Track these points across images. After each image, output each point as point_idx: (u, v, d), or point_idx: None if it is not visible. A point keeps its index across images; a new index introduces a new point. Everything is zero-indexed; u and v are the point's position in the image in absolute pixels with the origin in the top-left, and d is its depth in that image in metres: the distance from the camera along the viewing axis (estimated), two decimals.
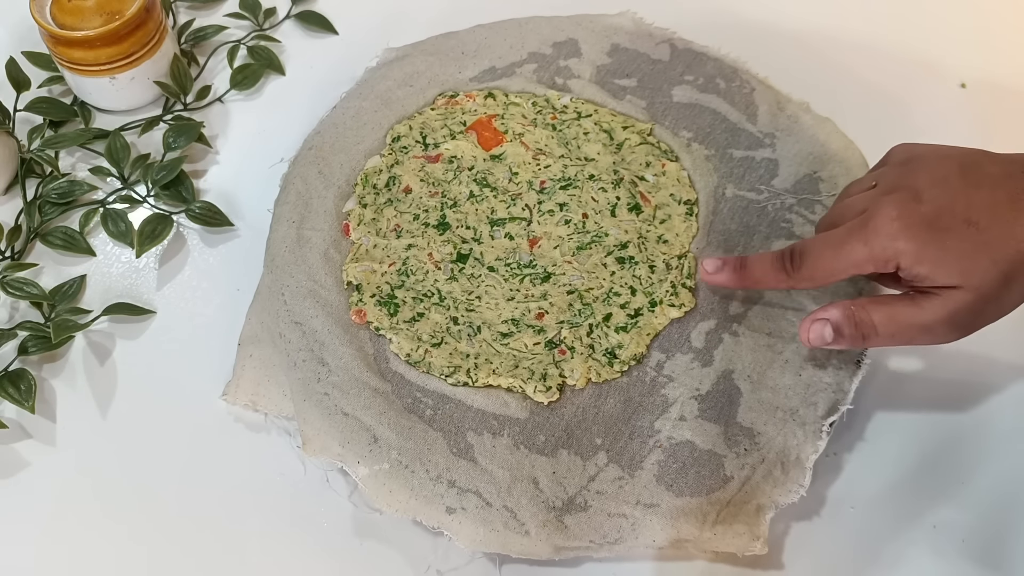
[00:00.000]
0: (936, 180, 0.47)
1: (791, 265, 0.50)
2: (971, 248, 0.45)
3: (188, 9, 0.78)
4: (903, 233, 0.46)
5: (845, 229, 0.48)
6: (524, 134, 0.64)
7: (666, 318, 0.56)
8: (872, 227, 0.47)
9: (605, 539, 0.50)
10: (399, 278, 0.59)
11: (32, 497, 0.56)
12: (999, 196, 0.46)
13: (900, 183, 0.48)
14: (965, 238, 0.46)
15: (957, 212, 0.46)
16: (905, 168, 0.49)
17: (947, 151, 0.50)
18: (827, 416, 0.53)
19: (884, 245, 0.46)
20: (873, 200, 0.48)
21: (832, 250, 0.48)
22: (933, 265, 0.46)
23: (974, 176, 0.47)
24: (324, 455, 0.53)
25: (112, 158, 0.67)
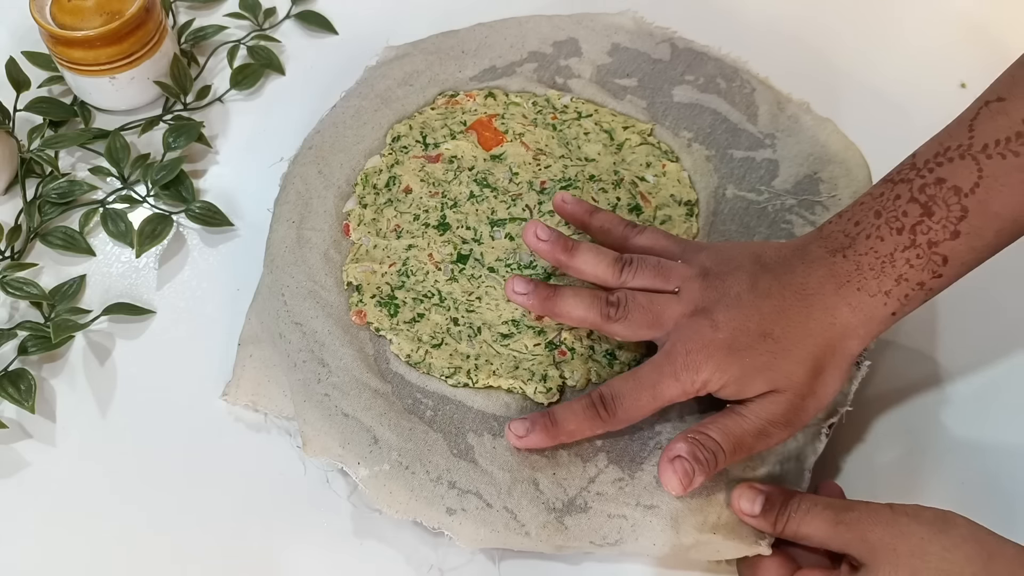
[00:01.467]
0: (730, 302, 0.49)
1: (605, 412, 0.50)
2: (771, 359, 0.48)
3: (188, 9, 0.78)
4: (705, 364, 0.48)
5: (653, 367, 0.49)
6: (524, 134, 0.64)
7: None
8: (678, 363, 0.48)
9: (605, 540, 0.50)
10: (399, 279, 0.59)
11: (32, 497, 0.56)
12: (787, 298, 0.49)
13: (699, 304, 0.50)
14: (764, 351, 0.48)
15: (751, 329, 0.48)
16: (704, 283, 0.50)
17: (740, 262, 0.51)
18: (827, 418, 0.53)
19: (692, 378, 0.48)
20: (676, 322, 0.50)
21: (647, 392, 0.49)
22: (739, 385, 0.48)
23: (762, 285, 0.49)
24: (324, 456, 0.53)
25: (112, 158, 0.67)
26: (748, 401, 0.49)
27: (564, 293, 0.52)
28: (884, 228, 0.48)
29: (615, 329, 0.51)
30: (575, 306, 0.52)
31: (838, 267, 0.49)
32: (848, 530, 0.46)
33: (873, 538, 0.45)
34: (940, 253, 0.47)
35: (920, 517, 0.45)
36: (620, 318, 0.51)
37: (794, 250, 0.51)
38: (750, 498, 0.49)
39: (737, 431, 0.48)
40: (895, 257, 0.48)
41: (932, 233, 0.47)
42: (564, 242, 0.53)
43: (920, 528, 0.45)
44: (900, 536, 0.45)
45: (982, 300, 0.62)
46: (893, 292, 0.48)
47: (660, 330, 0.50)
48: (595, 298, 0.52)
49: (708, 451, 0.47)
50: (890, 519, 0.45)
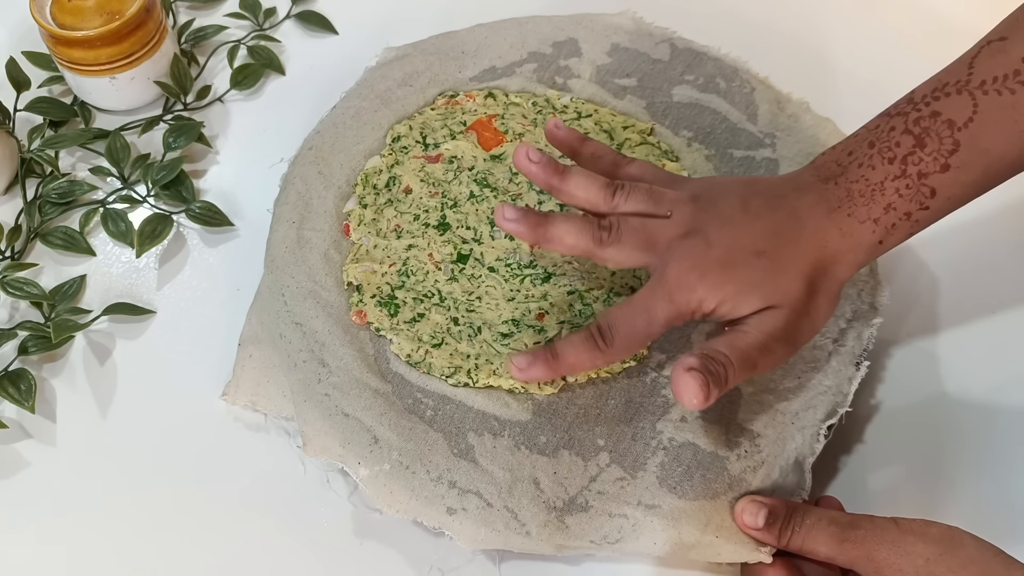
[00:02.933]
0: (723, 221, 0.49)
1: (603, 342, 0.49)
2: (765, 275, 0.48)
3: (188, 9, 0.78)
4: (700, 282, 0.48)
5: (647, 291, 0.49)
6: (524, 134, 0.64)
7: None
8: (671, 283, 0.48)
9: (606, 539, 0.50)
10: (399, 279, 0.59)
11: (32, 497, 0.56)
12: (779, 219, 0.49)
13: (692, 225, 0.50)
14: (758, 268, 0.48)
15: (745, 247, 0.49)
16: (696, 207, 0.51)
17: (732, 188, 0.52)
18: (826, 419, 0.53)
19: (687, 298, 0.48)
20: (668, 245, 0.50)
21: (642, 316, 0.49)
22: (734, 302, 0.48)
23: (754, 206, 0.50)
24: (325, 456, 0.53)
25: (112, 158, 0.67)
26: (746, 318, 0.48)
27: (555, 219, 0.51)
28: (876, 157, 0.49)
29: (608, 254, 0.50)
30: (567, 232, 0.51)
31: (829, 193, 0.50)
32: (854, 548, 0.46)
33: (879, 557, 0.45)
34: (929, 185, 0.48)
35: (927, 535, 0.45)
36: (613, 242, 0.50)
37: (785, 180, 0.52)
38: (753, 512, 0.49)
39: (742, 345, 0.48)
40: (885, 186, 0.48)
41: (923, 165, 0.48)
42: (555, 165, 0.52)
43: (926, 548, 0.45)
44: (906, 556, 0.45)
45: (982, 299, 0.62)
46: (881, 220, 0.49)
47: (653, 253, 0.50)
48: (587, 223, 0.51)
49: (719, 364, 0.47)
50: (896, 538, 0.45)
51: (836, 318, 0.55)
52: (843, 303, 0.56)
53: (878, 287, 0.57)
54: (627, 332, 0.49)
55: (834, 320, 0.55)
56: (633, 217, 0.51)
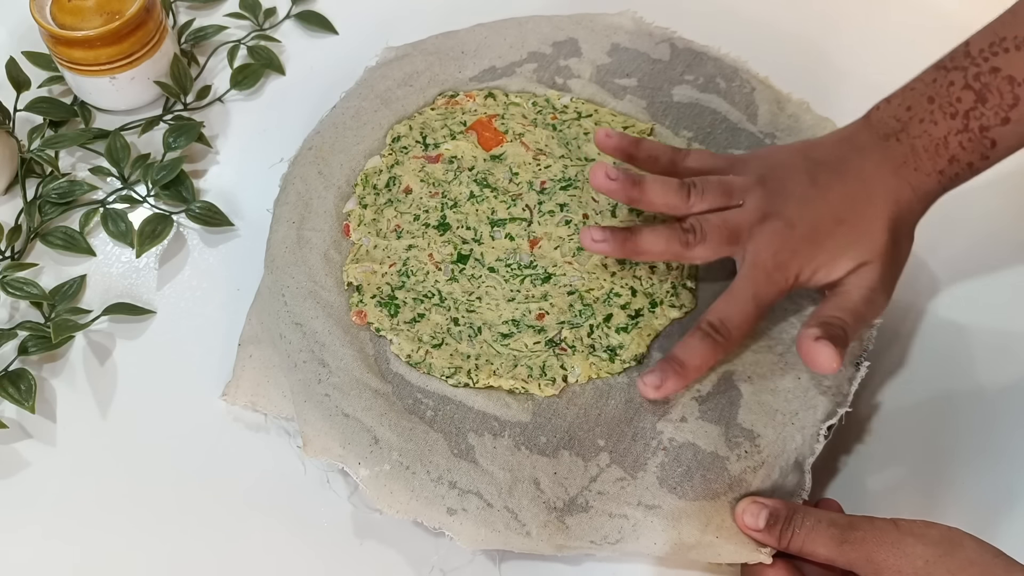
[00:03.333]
0: (798, 200, 0.52)
1: (721, 336, 0.51)
2: (850, 239, 0.52)
3: (188, 9, 0.78)
4: (792, 260, 0.52)
5: (746, 280, 0.52)
6: (524, 134, 0.64)
7: (667, 319, 0.56)
8: (768, 266, 0.52)
9: (606, 540, 0.50)
10: (399, 279, 0.59)
11: (32, 497, 0.56)
12: (850, 186, 0.53)
13: (769, 209, 0.53)
14: (842, 235, 0.52)
15: (825, 219, 0.52)
16: (765, 190, 0.53)
17: (792, 161, 0.54)
18: (826, 419, 0.53)
19: (785, 276, 0.52)
20: (749, 231, 0.52)
21: (750, 303, 0.52)
22: (829, 268, 0.52)
23: (822, 179, 0.53)
24: (325, 456, 0.53)
25: (112, 158, 0.67)
26: (843, 279, 0.52)
27: (641, 231, 0.53)
28: (938, 113, 0.52)
29: (696, 253, 0.53)
30: (654, 241, 0.53)
31: (892, 150, 0.53)
32: (853, 550, 0.46)
33: (879, 559, 0.45)
34: (990, 137, 0.51)
35: (926, 537, 0.45)
36: (699, 241, 0.52)
37: (841, 141, 0.54)
38: (754, 513, 0.49)
39: (850, 305, 0.51)
40: (948, 140, 0.51)
41: (984, 119, 0.51)
42: (632, 177, 0.54)
43: (926, 550, 0.45)
44: (905, 558, 0.45)
45: (982, 299, 0.62)
46: (946, 171, 0.52)
47: (738, 244, 0.53)
48: (671, 229, 0.53)
49: (837, 327, 0.50)
50: (896, 539, 0.45)
51: None
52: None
53: None
54: (740, 321, 0.52)
55: None
56: (711, 214, 0.53)
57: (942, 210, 0.66)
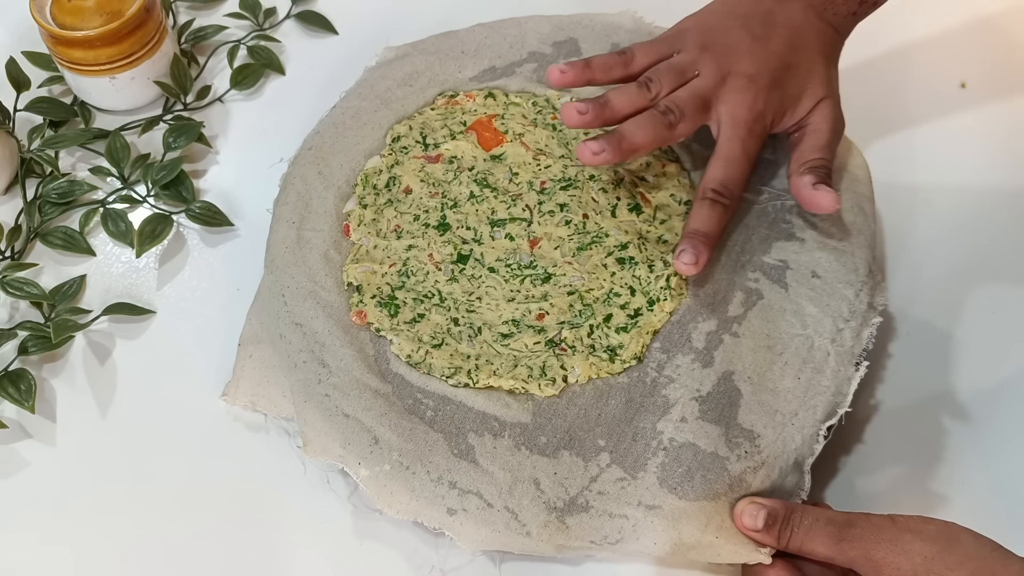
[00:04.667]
0: (745, 54, 0.57)
1: (728, 200, 0.56)
2: (804, 79, 0.58)
3: (188, 9, 0.78)
4: (766, 110, 0.57)
5: (730, 140, 0.56)
6: (524, 134, 0.64)
7: (664, 313, 0.56)
8: (747, 120, 0.57)
9: (606, 540, 0.50)
10: (399, 279, 0.59)
11: (32, 497, 0.56)
12: (785, 33, 0.58)
13: (724, 70, 0.57)
14: (795, 77, 0.58)
15: (776, 66, 0.57)
16: (712, 54, 0.58)
17: (724, 23, 0.59)
18: (825, 419, 0.53)
19: (762, 125, 0.57)
20: (716, 95, 0.57)
21: (743, 161, 0.57)
22: (793, 109, 0.58)
23: (759, 31, 0.58)
24: (325, 456, 0.53)
25: (112, 158, 0.67)
26: (807, 118, 0.58)
27: (627, 128, 0.56)
28: None
29: (680, 130, 0.57)
30: (642, 133, 0.56)
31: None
32: (852, 548, 0.46)
33: (877, 556, 0.45)
34: None
35: (924, 533, 0.45)
36: (679, 118, 0.56)
37: None
38: (752, 513, 0.49)
39: (823, 140, 0.57)
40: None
41: None
42: (597, 102, 0.57)
43: (924, 546, 0.45)
44: (904, 555, 0.45)
45: (982, 299, 0.62)
46: (859, 13, 0.60)
47: (711, 110, 0.57)
48: (651, 115, 0.57)
49: (823, 168, 0.56)
50: (893, 536, 0.45)
51: (835, 319, 0.55)
52: (841, 303, 0.56)
53: (877, 287, 0.57)
54: (740, 178, 0.56)
55: (832, 320, 0.55)
56: (677, 91, 0.57)
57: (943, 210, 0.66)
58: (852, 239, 0.58)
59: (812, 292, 0.56)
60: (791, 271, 0.57)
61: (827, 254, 0.58)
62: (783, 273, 0.57)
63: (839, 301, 0.56)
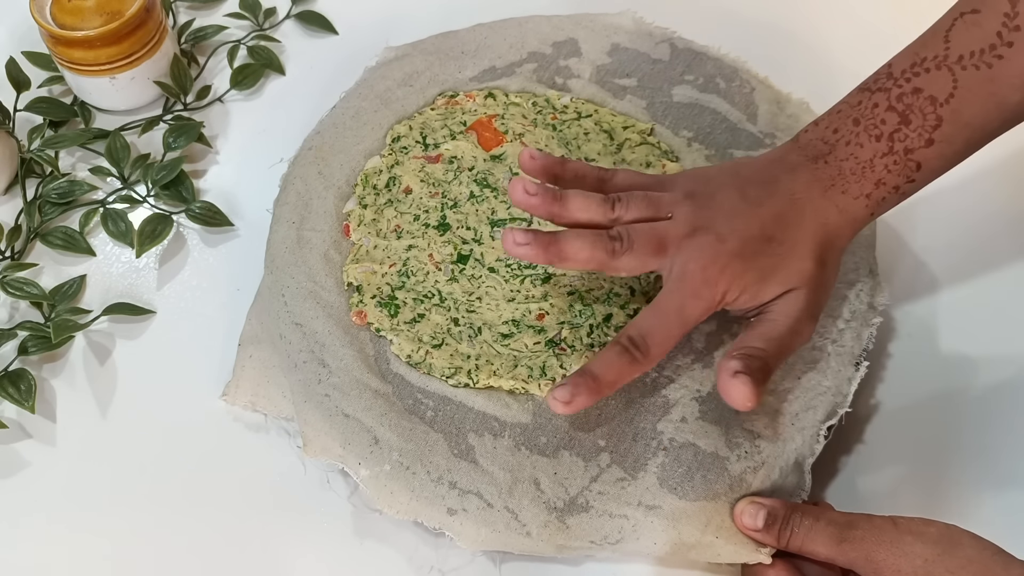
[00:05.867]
0: (727, 214, 0.51)
1: (639, 352, 0.49)
2: (780, 260, 0.50)
3: (188, 9, 0.78)
4: (721, 276, 0.49)
5: (671, 294, 0.50)
6: (524, 134, 0.64)
7: None
8: (695, 280, 0.49)
9: (606, 540, 0.50)
10: (400, 279, 0.59)
11: (32, 497, 0.56)
12: (779, 204, 0.51)
13: (698, 222, 0.50)
14: (771, 254, 0.50)
15: (755, 236, 0.50)
16: (694, 204, 0.51)
17: (721, 179, 0.53)
18: (826, 420, 0.53)
19: (712, 292, 0.49)
20: (677, 244, 0.50)
21: (674, 318, 0.49)
22: (756, 289, 0.50)
23: (752, 195, 0.51)
24: (325, 456, 0.53)
25: (112, 158, 0.67)
26: (769, 304, 0.50)
27: (566, 236, 0.50)
28: (863, 135, 0.51)
29: (622, 263, 0.50)
30: (580, 248, 0.50)
31: (821, 172, 0.51)
32: (852, 548, 0.46)
33: (878, 558, 0.45)
34: (915, 159, 0.50)
35: (925, 535, 0.45)
36: (626, 250, 0.50)
37: (771, 162, 0.53)
38: (752, 513, 0.49)
39: (775, 334, 0.49)
40: (874, 163, 0.51)
41: (908, 141, 0.50)
42: (552, 193, 0.51)
43: (925, 549, 0.45)
44: (904, 557, 0.45)
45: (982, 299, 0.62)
46: (873, 195, 0.51)
47: (664, 256, 0.50)
48: (597, 236, 0.50)
49: (759, 360, 0.48)
50: (894, 538, 0.45)
51: (835, 319, 0.55)
52: (841, 304, 0.56)
53: (877, 287, 0.57)
54: (663, 338, 0.49)
55: (832, 321, 0.55)
56: (639, 224, 0.51)
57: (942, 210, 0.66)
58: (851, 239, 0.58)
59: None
60: None
61: None
62: None
63: (839, 301, 0.56)
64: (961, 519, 0.46)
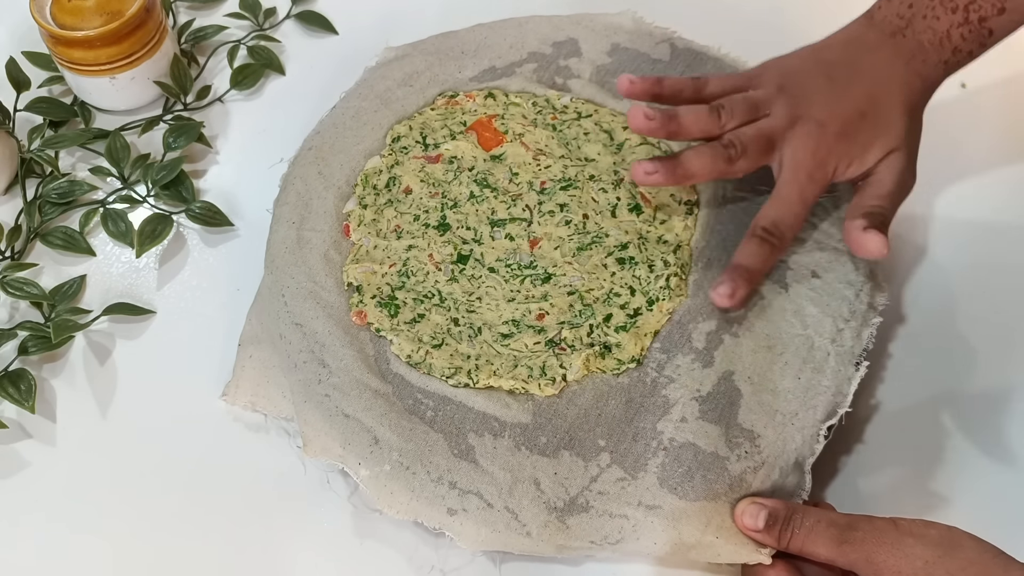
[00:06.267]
0: (821, 101, 0.56)
1: (776, 239, 0.55)
2: (876, 130, 0.56)
3: (188, 9, 0.78)
4: (829, 157, 0.55)
5: (789, 183, 0.55)
6: (524, 134, 0.64)
7: (663, 313, 0.56)
8: (809, 166, 0.55)
9: (606, 540, 0.50)
10: (399, 279, 0.59)
11: (32, 497, 0.56)
12: (867, 81, 0.57)
13: (796, 113, 0.56)
14: (868, 128, 0.56)
15: (851, 115, 0.56)
16: (788, 97, 0.57)
17: (806, 66, 0.58)
18: (826, 419, 0.53)
19: (824, 173, 0.56)
20: (783, 137, 0.56)
21: (798, 205, 0.55)
22: (861, 159, 0.56)
23: (839, 77, 0.57)
24: (325, 456, 0.53)
25: (112, 158, 0.67)
26: (874, 168, 0.56)
27: (687, 156, 0.56)
28: (939, 8, 0.56)
29: (739, 166, 0.56)
30: (702, 164, 0.55)
31: (901, 46, 0.57)
32: (853, 550, 0.46)
33: (878, 560, 0.45)
34: (988, 27, 0.55)
35: (926, 537, 0.45)
36: (741, 155, 0.55)
37: (850, 41, 0.58)
38: (753, 513, 0.49)
39: (885, 190, 0.55)
40: (951, 33, 0.56)
41: (982, 10, 0.55)
42: (668, 114, 0.56)
43: (925, 551, 0.45)
44: (905, 558, 0.45)
45: (982, 299, 0.62)
46: (950, 61, 0.57)
47: (775, 151, 0.56)
48: (713, 148, 0.56)
49: (879, 215, 0.54)
50: (895, 539, 0.45)
51: (835, 319, 0.55)
52: (841, 303, 0.56)
53: (877, 287, 0.57)
54: (792, 222, 0.55)
55: (833, 320, 0.55)
56: (745, 127, 0.56)
57: (942, 210, 0.66)
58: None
59: (812, 292, 0.56)
60: (791, 271, 0.57)
61: (827, 254, 0.58)
62: (783, 273, 0.57)
63: (839, 301, 0.56)
64: (960, 519, 0.46)
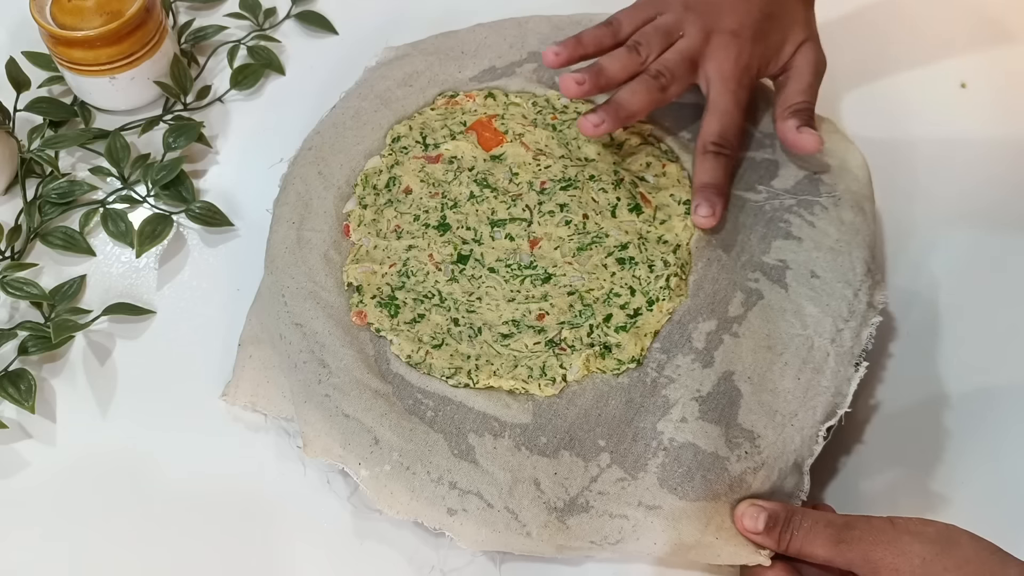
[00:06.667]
0: (730, 10, 0.60)
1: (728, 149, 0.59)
2: (785, 25, 0.61)
3: (188, 9, 0.78)
4: (752, 61, 0.60)
5: (721, 94, 0.59)
6: (524, 134, 0.64)
7: (663, 313, 0.56)
8: (736, 75, 0.59)
9: (606, 540, 0.50)
10: (399, 279, 0.59)
11: (32, 497, 0.56)
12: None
13: (708, 28, 0.60)
14: (777, 26, 0.60)
15: (758, 19, 0.60)
16: (696, 13, 0.60)
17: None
18: (825, 420, 0.53)
19: (750, 77, 0.60)
20: (702, 54, 0.60)
21: (736, 113, 0.59)
22: (777, 56, 0.61)
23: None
24: (325, 457, 0.53)
25: (112, 158, 0.67)
26: (791, 62, 0.61)
27: (621, 96, 0.59)
28: None
29: (672, 91, 0.59)
30: (638, 100, 0.59)
31: None
32: (850, 549, 0.46)
33: (876, 558, 0.45)
34: None
35: (923, 535, 0.45)
36: (670, 80, 0.59)
37: None
38: (753, 515, 0.49)
39: (804, 83, 0.60)
40: None
41: None
42: (592, 70, 0.59)
43: (923, 548, 0.45)
44: (903, 556, 0.45)
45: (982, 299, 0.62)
46: None
47: (699, 69, 0.60)
48: (642, 81, 0.59)
49: (806, 109, 0.59)
50: (893, 538, 0.45)
51: (834, 319, 0.55)
52: (841, 303, 0.56)
53: (876, 287, 0.57)
54: (736, 130, 0.59)
55: (832, 320, 0.55)
56: (665, 54, 0.60)
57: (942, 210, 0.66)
58: (851, 238, 0.58)
59: (812, 292, 0.56)
60: (791, 271, 0.57)
61: (826, 254, 0.58)
62: (783, 273, 0.57)
63: (839, 301, 0.56)
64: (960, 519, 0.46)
